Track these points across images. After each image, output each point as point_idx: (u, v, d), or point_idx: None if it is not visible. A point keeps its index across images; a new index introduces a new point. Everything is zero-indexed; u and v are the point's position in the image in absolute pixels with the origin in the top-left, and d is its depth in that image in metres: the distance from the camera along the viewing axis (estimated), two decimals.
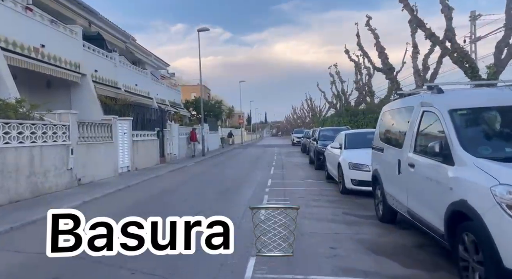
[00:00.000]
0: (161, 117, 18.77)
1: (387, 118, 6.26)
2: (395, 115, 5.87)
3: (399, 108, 5.68)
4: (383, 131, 6.36)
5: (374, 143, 6.79)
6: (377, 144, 6.53)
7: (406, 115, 5.39)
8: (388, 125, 6.14)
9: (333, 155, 10.62)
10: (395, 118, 5.84)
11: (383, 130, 6.39)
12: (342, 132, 11.13)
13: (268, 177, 12.89)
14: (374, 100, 22.67)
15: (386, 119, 6.37)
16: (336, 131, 16.63)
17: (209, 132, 31.85)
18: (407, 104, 5.39)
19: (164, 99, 27.76)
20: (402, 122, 5.51)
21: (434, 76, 15.96)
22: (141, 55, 26.05)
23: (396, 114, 5.80)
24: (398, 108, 5.75)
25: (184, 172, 15.30)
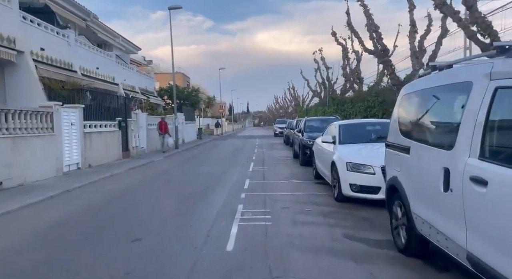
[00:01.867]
0: (124, 105, 16.35)
1: (415, 103, 4.24)
2: (430, 98, 3.85)
3: (440, 87, 3.65)
4: (407, 122, 4.35)
5: (391, 138, 4.79)
6: (396, 140, 4.53)
7: (455, 97, 3.38)
8: (417, 113, 4.12)
9: (324, 151, 8.63)
10: (431, 103, 3.81)
11: (406, 120, 4.39)
12: (335, 123, 9.14)
13: (246, 175, 10.83)
14: (362, 87, 20.83)
15: (412, 105, 4.35)
16: (324, 121, 14.68)
17: (185, 123, 29.49)
18: (458, 79, 3.36)
19: (133, 86, 25.19)
20: (449, 109, 3.51)
21: (433, 59, 14.15)
22: (105, 36, 23.26)
23: (434, 96, 3.78)
24: (437, 87, 3.71)
25: (148, 169, 13.06)
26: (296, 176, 10.61)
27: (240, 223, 5.73)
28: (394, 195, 4.46)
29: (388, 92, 15.12)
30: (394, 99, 13.83)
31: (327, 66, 26.89)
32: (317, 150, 9.72)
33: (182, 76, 62.52)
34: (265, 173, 11.47)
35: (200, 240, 4.92)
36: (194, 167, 13.44)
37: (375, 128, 8.43)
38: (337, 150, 7.60)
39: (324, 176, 8.79)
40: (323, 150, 8.75)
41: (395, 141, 4.54)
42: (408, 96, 4.48)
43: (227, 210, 6.66)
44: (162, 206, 7.15)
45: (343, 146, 7.71)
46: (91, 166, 12.59)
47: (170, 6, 21.09)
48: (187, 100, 32.53)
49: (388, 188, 4.63)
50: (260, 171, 11.94)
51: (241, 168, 12.81)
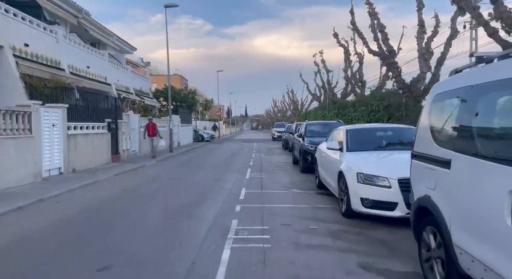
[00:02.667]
0: (115, 106, 15.43)
1: (456, 104, 3.34)
2: (480, 98, 2.96)
3: (497, 83, 2.76)
4: (445, 129, 3.46)
5: (419, 147, 3.91)
6: (428, 150, 3.64)
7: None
8: (462, 117, 3.21)
9: (329, 158, 7.75)
10: (484, 103, 2.92)
11: (444, 126, 3.50)
12: (341, 128, 8.26)
13: (242, 184, 9.93)
14: (365, 91, 20.01)
15: (451, 107, 3.45)
16: (326, 126, 13.83)
17: (181, 125, 28.58)
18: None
19: (128, 87, 24.30)
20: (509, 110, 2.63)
21: (442, 61, 13.36)
22: (99, 34, 22.36)
23: (487, 94, 2.89)
24: (492, 82, 2.83)
25: (136, 174, 12.12)
26: (297, 185, 9.72)
27: (233, 245, 4.83)
28: (426, 219, 3.57)
29: (393, 96, 14.30)
30: (400, 103, 13.00)
31: (327, 69, 26.12)
32: (320, 157, 8.84)
33: (180, 79, 61.72)
34: (263, 180, 10.57)
35: (183, 270, 4.01)
36: (187, 173, 12.52)
37: (387, 135, 7.57)
38: (345, 158, 6.72)
39: (328, 186, 7.91)
40: (328, 157, 7.87)
41: (426, 151, 3.66)
42: (444, 96, 3.59)
43: (219, 227, 5.75)
44: (143, 221, 6.22)
45: (351, 154, 6.83)
46: (75, 171, 11.65)
47: (166, 4, 20.24)
48: (183, 102, 31.64)
49: (417, 209, 3.73)
50: (258, 178, 11.04)
51: (237, 174, 11.91)
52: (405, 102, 12.98)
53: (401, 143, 7.04)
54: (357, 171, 5.97)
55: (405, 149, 6.87)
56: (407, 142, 7.14)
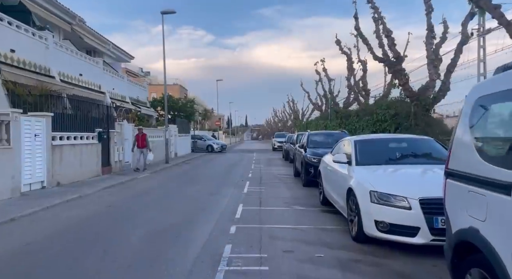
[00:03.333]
0: (106, 115, 14.67)
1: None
2: None
3: None
4: (500, 141, 2.66)
5: (457, 164, 3.09)
6: (471, 169, 2.83)
7: None
8: None
9: (335, 173, 6.94)
10: None
11: (498, 138, 2.69)
12: (348, 139, 7.46)
13: (239, 199, 9.10)
14: (369, 100, 19.28)
15: (504, 112, 2.65)
16: (329, 136, 13.06)
17: (178, 135, 27.81)
18: None
19: (124, 96, 23.65)
20: None
21: (452, 68, 12.64)
22: (94, 42, 21.78)
23: None
24: None
25: (126, 188, 11.27)
26: (299, 201, 8.87)
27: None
28: (471, 259, 2.74)
29: (400, 105, 13.53)
30: (409, 112, 12.22)
31: (329, 78, 25.44)
32: (325, 170, 8.01)
33: (180, 88, 61.29)
34: (262, 195, 9.73)
35: None
36: (181, 186, 11.67)
37: (401, 146, 6.76)
38: (355, 173, 5.90)
39: (334, 202, 7.08)
40: (334, 171, 7.05)
41: (469, 170, 2.84)
42: (491, 99, 2.79)
43: (210, 255, 4.90)
44: (122, 247, 5.37)
45: (362, 168, 6.01)
46: (60, 184, 10.81)
47: (163, 11, 19.66)
48: (181, 111, 30.92)
49: (458, 244, 2.90)
50: (256, 192, 10.20)
51: (234, 188, 11.07)
52: (414, 111, 12.22)
53: (419, 156, 6.25)
54: (370, 188, 5.15)
55: (424, 163, 6.09)
56: (426, 155, 6.35)
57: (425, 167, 5.76)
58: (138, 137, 15.56)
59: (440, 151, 6.21)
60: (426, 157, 6.21)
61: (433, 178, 4.99)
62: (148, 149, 15.72)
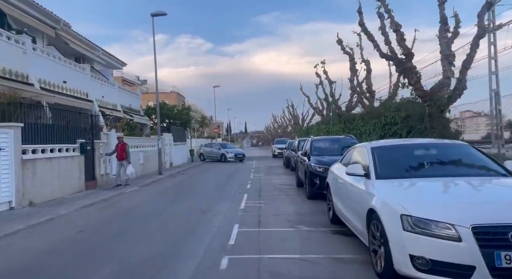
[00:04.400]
0: (91, 125, 13.45)
1: None
2: None
3: None
4: None
5: None
6: None
7: None
8: None
9: (349, 187, 5.68)
10: None
11: None
12: (362, 146, 6.22)
13: (234, 217, 7.84)
14: (374, 102, 18.09)
15: None
16: (335, 142, 11.84)
17: (174, 144, 26.58)
18: None
19: (115, 104, 22.49)
20: None
21: (468, 64, 11.43)
22: (81, 47, 20.65)
23: None
24: None
25: (107, 207, 9.97)
26: (304, 218, 7.61)
27: None
28: None
29: (412, 106, 12.32)
30: (423, 114, 11.00)
31: (330, 80, 24.27)
32: (335, 183, 6.76)
33: (177, 96, 60.32)
34: (262, 212, 8.46)
35: None
36: (170, 203, 10.40)
37: (429, 153, 5.52)
38: (377, 190, 4.65)
39: (346, 221, 5.85)
40: (347, 185, 5.80)
41: None
42: None
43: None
44: None
45: (385, 183, 4.77)
46: (33, 204, 9.55)
47: (153, 13, 18.54)
48: (176, 119, 29.72)
49: None
50: (255, 208, 8.94)
51: (230, 203, 9.81)
52: (429, 112, 10.99)
53: (456, 166, 4.99)
54: (401, 211, 3.90)
55: (466, 175, 4.80)
56: (466, 164, 5.09)
57: (470, 181, 4.50)
58: (118, 147, 13.71)
59: (483, 159, 4.98)
60: (466, 166, 4.95)
61: (489, 196, 3.77)
62: (128, 161, 13.64)
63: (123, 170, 13.55)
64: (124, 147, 13.63)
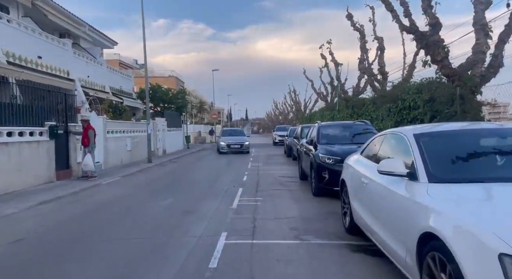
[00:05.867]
0: (64, 106, 11.70)
1: None
2: None
3: None
4: None
5: None
6: None
7: None
8: None
9: (384, 192, 3.93)
10: None
11: None
12: (398, 133, 4.40)
13: (223, 221, 6.17)
14: (386, 85, 16.24)
15: None
16: (346, 128, 10.09)
17: (168, 129, 24.85)
18: None
19: (103, 85, 20.67)
20: None
21: (507, 37, 9.58)
22: (63, 21, 18.69)
23: None
24: None
25: (74, 203, 8.29)
26: (312, 224, 5.93)
27: None
28: None
29: (437, 87, 10.51)
30: (453, 95, 9.19)
31: (336, 62, 22.32)
32: (355, 182, 5.04)
33: (176, 80, 58.28)
34: (258, 214, 6.78)
35: None
36: (149, 198, 8.72)
37: (504, 144, 3.75)
38: (436, 200, 2.90)
39: (375, 238, 4.15)
40: (379, 189, 4.07)
41: None
42: None
43: None
44: None
45: (446, 189, 3.03)
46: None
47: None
48: (172, 103, 27.90)
49: None
50: (250, 208, 7.27)
51: (220, 200, 8.14)
52: (460, 94, 9.19)
53: None
54: (500, 248, 2.17)
55: None
56: None
57: None
58: (85, 133, 11.50)
59: None
60: None
61: None
62: (89, 149, 11.26)
63: (90, 156, 11.46)
64: (87, 131, 11.43)
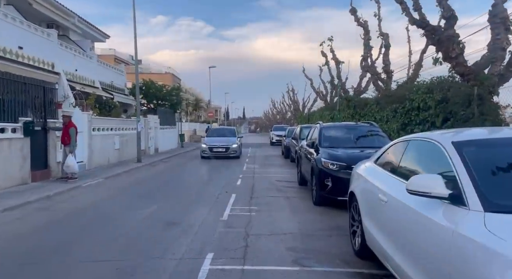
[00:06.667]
0: (43, 100, 10.72)
1: None
2: None
3: None
4: None
5: None
6: None
7: None
8: None
9: (414, 217, 3.00)
10: None
11: None
12: (430, 139, 3.48)
13: (210, 239, 5.24)
14: (391, 84, 15.36)
15: None
16: (352, 130, 9.19)
17: (161, 127, 23.89)
18: None
19: (93, 80, 19.70)
20: None
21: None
22: (50, 11, 17.67)
23: None
24: None
25: (43, 210, 7.32)
26: (315, 245, 5.02)
27: None
28: None
29: (451, 87, 9.61)
30: (469, 96, 8.20)
31: (338, 60, 21.42)
32: (369, 197, 4.13)
33: (172, 77, 57.26)
34: (252, 227, 5.86)
35: None
36: (130, 205, 7.77)
37: None
38: (509, 243, 2.00)
39: (388, 261, 3.23)
40: (407, 212, 3.14)
41: None
42: None
43: None
44: None
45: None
46: None
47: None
48: (165, 100, 26.90)
49: None
50: (243, 219, 6.35)
51: (210, 208, 7.22)
52: (478, 93, 8.30)
53: None
54: None
55: None
56: None
57: None
58: (65, 131, 10.55)
59: None
60: None
61: None
62: (70, 149, 10.31)
63: (70, 156, 10.44)
64: (68, 129, 10.45)
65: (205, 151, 17.99)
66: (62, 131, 10.67)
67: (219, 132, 20.61)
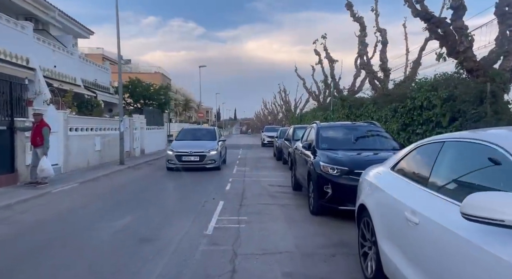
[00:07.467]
0: (9, 97, 9.65)
1: None
2: None
3: None
4: None
5: None
6: None
7: None
8: None
9: (461, 246, 2.13)
10: None
11: None
12: (484, 142, 2.62)
13: (188, 262, 4.30)
14: (387, 82, 14.60)
15: None
16: (351, 130, 8.33)
17: (147, 128, 22.81)
18: None
19: (74, 77, 18.58)
20: None
21: None
22: (27, 3, 16.52)
23: None
24: None
25: (1, 222, 6.34)
26: (314, 267, 4.14)
27: None
28: None
29: (458, 83, 8.84)
30: (482, 93, 7.36)
31: (331, 58, 20.65)
32: (393, 216, 3.25)
33: (162, 77, 55.99)
34: (240, 244, 4.95)
35: None
36: (103, 216, 6.78)
37: None
38: None
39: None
40: (455, 239, 2.26)
41: None
42: None
43: None
44: None
45: None
46: None
47: None
48: (153, 99, 25.82)
49: None
50: (230, 233, 5.43)
51: (193, 220, 6.28)
52: (492, 90, 7.52)
53: None
54: None
55: None
56: None
57: None
58: (34, 127, 9.59)
59: None
60: None
61: None
62: (44, 151, 9.36)
63: (38, 159, 9.37)
64: (40, 128, 9.45)
65: (171, 160, 13.11)
66: (32, 131, 9.61)
67: (193, 134, 15.10)
